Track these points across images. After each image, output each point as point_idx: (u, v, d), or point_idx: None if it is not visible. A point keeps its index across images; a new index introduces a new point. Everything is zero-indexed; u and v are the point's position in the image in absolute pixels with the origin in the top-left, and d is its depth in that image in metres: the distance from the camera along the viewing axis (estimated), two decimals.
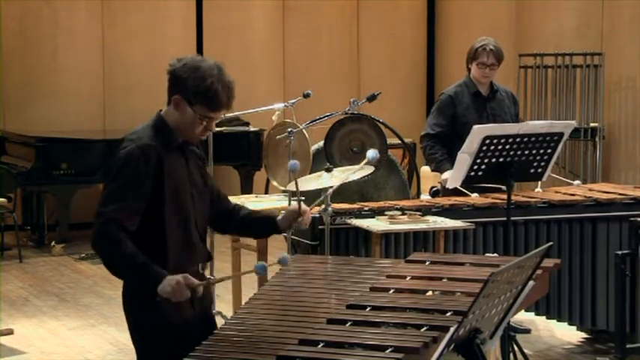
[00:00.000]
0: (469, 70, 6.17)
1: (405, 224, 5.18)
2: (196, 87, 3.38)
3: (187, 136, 3.47)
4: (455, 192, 5.73)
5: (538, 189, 5.99)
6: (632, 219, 5.58)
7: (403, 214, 5.27)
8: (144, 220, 3.36)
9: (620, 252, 5.52)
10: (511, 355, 5.27)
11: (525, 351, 5.47)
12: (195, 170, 3.55)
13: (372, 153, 3.99)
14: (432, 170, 6.29)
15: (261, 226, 3.75)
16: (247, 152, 10.15)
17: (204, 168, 3.65)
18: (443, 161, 6.00)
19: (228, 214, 3.74)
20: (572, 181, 6.39)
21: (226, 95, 3.42)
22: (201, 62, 3.43)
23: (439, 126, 6.10)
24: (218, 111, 3.44)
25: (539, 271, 3.45)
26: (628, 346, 5.55)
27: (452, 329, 2.79)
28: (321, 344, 2.98)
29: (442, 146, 6.07)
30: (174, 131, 3.45)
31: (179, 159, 3.47)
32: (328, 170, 5.05)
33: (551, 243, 3.34)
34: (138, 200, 3.33)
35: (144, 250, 3.30)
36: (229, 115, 6.85)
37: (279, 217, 3.72)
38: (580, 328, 6.26)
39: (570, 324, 6.01)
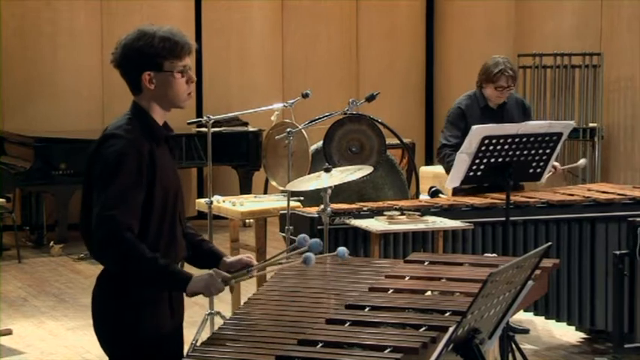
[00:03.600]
0: (480, 87, 6.10)
1: (404, 224, 5.18)
2: (152, 48, 3.26)
3: (178, 101, 3.33)
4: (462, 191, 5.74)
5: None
6: (630, 219, 5.58)
7: (402, 214, 5.27)
8: None
9: (618, 252, 5.52)
10: (510, 355, 5.27)
11: (524, 351, 5.47)
12: (174, 158, 3.45)
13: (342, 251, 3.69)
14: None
15: (205, 258, 3.52)
16: (246, 152, 10.16)
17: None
18: None
19: None
20: (576, 163, 6.37)
21: (180, 37, 3.32)
22: (135, 32, 3.31)
23: (454, 137, 6.00)
24: (185, 55, 3.33)
25: (538, 272, 3.46)
26: (626, 345, 5.55)
27: (451, 329, 2.79)
28: (320, 344, 2.99)
29: None
30: (154, 117, 3.32)
31: (166, 152, 3.35)
32: (327, 170, 5.05)
33: (550, 243, 3.34)
34: (138, 200, 3.19)
35: None
36: (228, 115, 6.89)
37: (228, 260, 3.47)
38: (579, 328, 6.26)
39: (569, 324, 6.01)
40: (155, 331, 3.29)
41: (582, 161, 6.30)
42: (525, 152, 5.36)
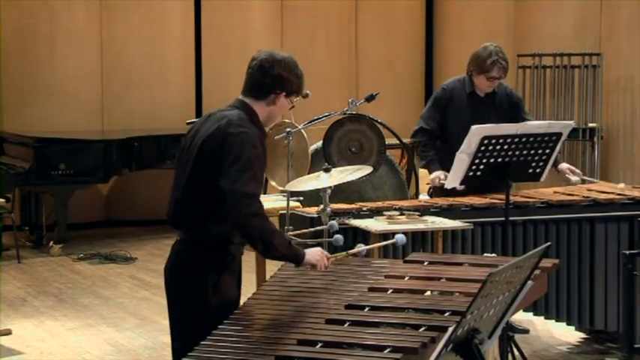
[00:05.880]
0: (470, 74, 6.10)
1: (404, 224, 5.17)
2: (298, 82, 3.79)
3: (271, 123, 3.94)
4: (447, 192, 5.74)
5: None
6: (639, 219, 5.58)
7: (402, 214, 5.27)
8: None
9: (627, 252, 5.49)
10: (509, 355, 5.27)
11: (524, 351, 5.47)
12: None
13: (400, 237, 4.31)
14: (422, 167, 6.35)
15: None
16: None
17: None
18: (433, 161, 6.05)
19: None
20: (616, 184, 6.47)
21: None
22: (290, 56, 3.82)
23: (433, 121, 6.11)
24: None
25: (537, 272, 3.46)
26: (636, 345, 5.52)
27: (450, 329, 2.79)
28: (320, 344, 2.99)
29: (434, 143, 6.12)
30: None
31: None
32: (326, 170, 5.05)
33: (549, 243, 3.34)
34: (262, 184, 3.72)
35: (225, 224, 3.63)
36: None
37: None
38: (578, 328, 6.26)
39: (568, 324, 6.00)
40: (226, 297, 3.66)
41: (621, 185, 6.36)
42: (525, 152, 5.36)
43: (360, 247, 3.99)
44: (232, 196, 3.54)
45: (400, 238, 4.25)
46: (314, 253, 3.73)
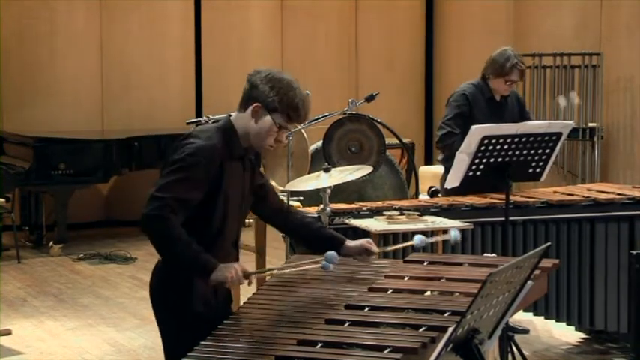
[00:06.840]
0: (485, 77, 6.08)
1: (404, 224, 5.17)
2: (281, 97, 3.53)
3: (257, 144, 3.60)
4: (448, 192, 5.74)
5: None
6: None
7: (402, 214, 5.27)
8: (189, 217, 3.47)
9: (634, 252, 5.47)
10: (509, 355, 5.27)
11: (524, 351, 5.47)
12: (248, 179, 3.68)
13: (454, 233, 4.05)
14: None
15: (327, 243, 3.79)
16: None
17: (257, 171, 3.78)
18: None
19: (276, 212, 3.90)
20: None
21: (305, 109, 3.59)
22: (282, 74, 3.60)
23: (459, 126, 5.97)
24: (295, 122, 3.62)
25: (537, 272, 3.46)
26: None
27: (450, 329, 2.79)
28: (320, 344, 2.98)
29: None
30: (240, 139, 3.57)
31: (238, 169, 3.60)
32: (326, 170, 5.05)
33: (549, 243, 3.34)
34: (192, 195, 3.44)
35: None
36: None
37: (350, 244, 3.84)
38: (578, 328, 6.26)
39: (568, 324, 6.01)
40: (202, 307, 3.53)
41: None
42: (525, 152, 5.36)
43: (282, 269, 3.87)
44: (147, 198, 3.44)
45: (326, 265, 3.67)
46: (227, 269, 3.42)
